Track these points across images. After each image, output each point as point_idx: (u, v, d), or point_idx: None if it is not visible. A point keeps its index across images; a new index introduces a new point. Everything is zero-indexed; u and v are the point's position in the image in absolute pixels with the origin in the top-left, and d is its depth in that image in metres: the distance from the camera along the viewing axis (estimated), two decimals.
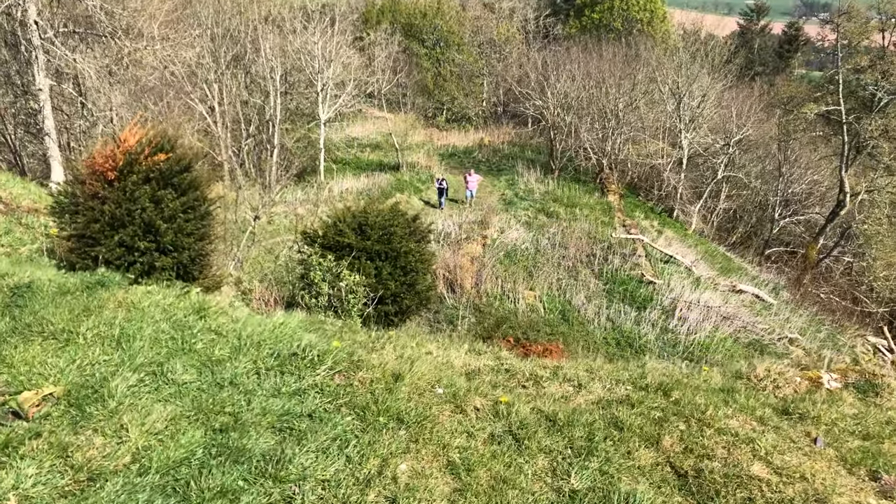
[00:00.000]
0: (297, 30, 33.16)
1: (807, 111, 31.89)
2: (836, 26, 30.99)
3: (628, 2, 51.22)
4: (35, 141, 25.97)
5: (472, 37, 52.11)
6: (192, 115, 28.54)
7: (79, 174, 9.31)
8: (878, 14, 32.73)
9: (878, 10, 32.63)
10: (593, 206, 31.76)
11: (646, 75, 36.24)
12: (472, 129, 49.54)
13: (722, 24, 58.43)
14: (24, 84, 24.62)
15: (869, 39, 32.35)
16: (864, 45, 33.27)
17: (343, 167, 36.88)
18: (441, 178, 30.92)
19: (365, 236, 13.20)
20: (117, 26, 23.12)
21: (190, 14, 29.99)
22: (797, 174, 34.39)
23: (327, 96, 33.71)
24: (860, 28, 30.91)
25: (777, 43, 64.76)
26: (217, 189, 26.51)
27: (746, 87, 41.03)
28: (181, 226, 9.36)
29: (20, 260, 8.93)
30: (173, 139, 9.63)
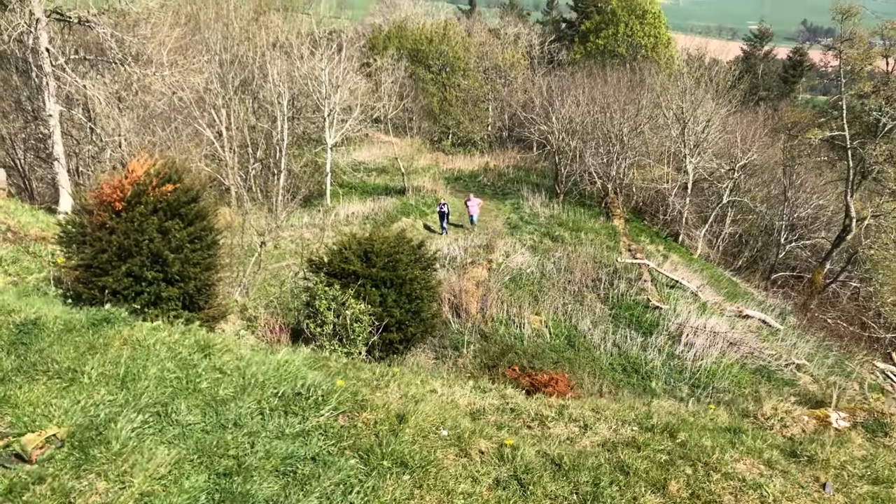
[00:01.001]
0: (304, 56, 33.47)
1: (811, 136, 31.92)
2: (838, 52, 31.08)
3: (632, 28, 51.67)
4: (44, 165, 26.17)
5: (477, 62, 52.52)
6: (200, 140, 28.75)
7: (86, 204, 9.39)
8: (882, 40, 32.81)
9: (881, 35, 32.71)
10: (598, 230, 31.75)
11: (650, 100, 36.41)
12: (478, 153, 49.76)
13: (726, 49, 58.81)
14: (35, 110, 24.87)
15: (872, 65, 32.41)
16: (868, 70, 33.34)
17: (349, 191, 37.04)
18: (443, 203, 30.97)
19: (370, 263, 13.22)
20: (127, 53, 23.40)
21: (199, 40, 30.31)
22: (803, 199, 34.35)
23: (334, 121, 33.94)
24: (863, 54, 30.99)
25: (781, 68, 64.98)
26: (224, 213, 26.67)
27: (751, 112, 41.17)
28: (188, 256, 9.41)
29: (27, 290, 8.96)
30: (181, 170, 9.72)
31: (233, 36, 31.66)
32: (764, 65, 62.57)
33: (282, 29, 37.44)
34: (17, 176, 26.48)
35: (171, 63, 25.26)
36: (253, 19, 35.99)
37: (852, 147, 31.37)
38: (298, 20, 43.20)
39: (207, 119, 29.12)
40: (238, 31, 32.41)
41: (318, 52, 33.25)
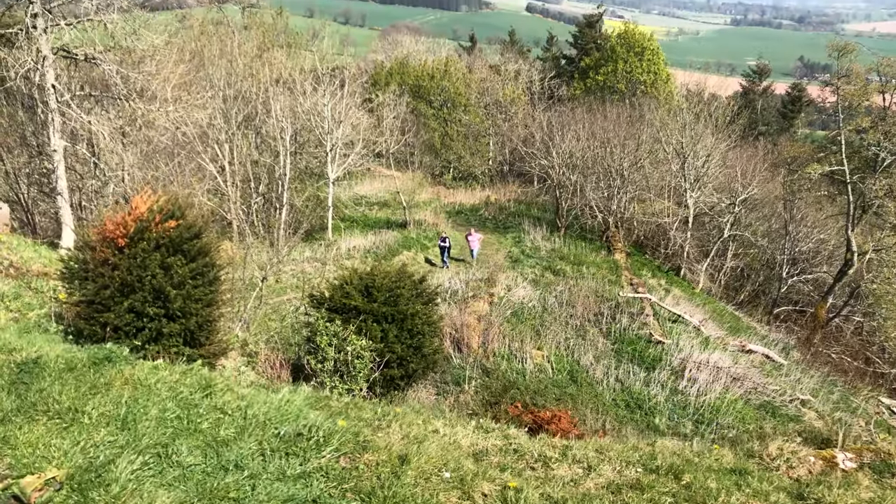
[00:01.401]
0: (307, 91, 33.87)
1: (811, 171, 32.09)
2: (836, 88, 31.42)
3: (632, 64, 52.33)
4: (47, 200, 26.32)
5: (478, 98, 53.12)
6: (203, 174, 28.95)
7: (89, 240, 9.44)
8: (879, 76, 33.17)
9: (877, 72, 33.09)
10: (600, 264, 31.76)
11: (650, 135, 36.71)
12: (479, 187, 50.05)
13: (725, 84, 59.52)
14: (39, 145, 25.11)
15: (869, 101, 32.73)
16: (866, 105, 33.63)
17: (351, 225, 37.17)
18: (444, 236, 31.03)
19: (371, 298, 13.20)
20: (132, 89, 23.70)
21: (203, 76, 30.71)
22: (804, 233, 34.41)
23: (336, 156, 34.21)
24: (860, 91, 31.32)
25: (780, 103, 65.56)
26: (226, 248, 26.73)
27: (751, 147, 41.45)
28: (190, 292, 9.42)
29: (28, 326, 8.95)
30: (184, 206, 9.79)
31: (237, 72, 32.06)
32: (763, 100, 63.18)
33: (285, 65, 37.93)
34: (21, 210, 26.63)
35: (175, 99, 25.57)
36: (257, 56, 36.51)
37: (852, 181, 31.51)
38: (302, 57, 43.82)
39: (210, 154, 29.35)
40: (242, 67, 32.83)
41: (321, 87, 33.64)
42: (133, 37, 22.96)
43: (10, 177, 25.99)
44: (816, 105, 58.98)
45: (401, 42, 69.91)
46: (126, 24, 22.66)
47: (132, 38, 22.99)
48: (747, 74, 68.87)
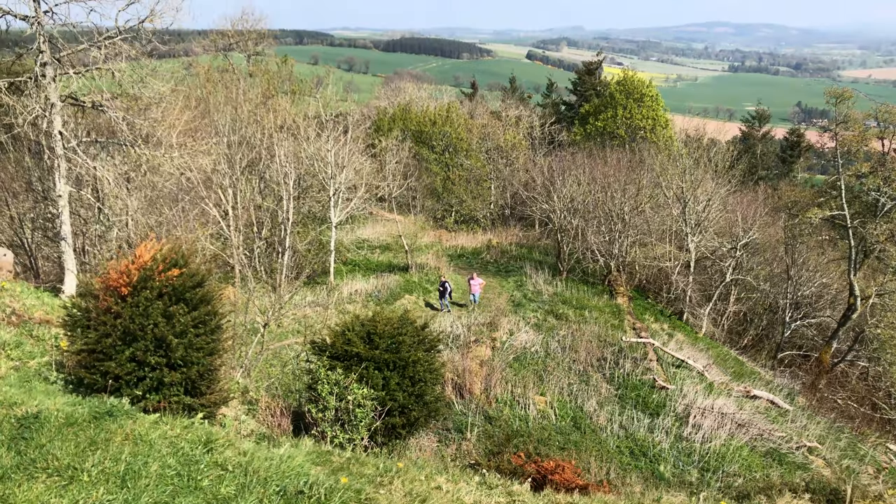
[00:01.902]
0: (310, 137, 34.28)
1: (811, 216, 32.22)
2: (834, 135, 31.75)
3: (631, 110, 53.01)
4: (51, 244, 26.46)
5: (479, 143, 53.71)
6: (207, 219, 29.11)
7: (92, 289, 9.45)
8: (876, 122, 33.52)
9: (875, 118, 33.45)
10: (602, 308, 31.69)
11: (650, 180, 36.97)
12: (481, 230, 50.25)
13: (724, 129, 60.04)
14: (45, 190, 25.34)
15: (867, 146, 33.02)
16: (865, 149, 33.90)
17: (353, 268, 37.22)
18: (444, 281, 31.01)
19: (373, 345, 13.15)
20: (138, 135, 23.99)
21: (208, 123, 31.13)
22: (806, 277, 34.37)
23: (339, 200, 34.45)
24: (858, 137, 31.63)
25: (779, 148, 66.22)
26: (228, 292, 26.71)
27: (751, 192, 41.72)
28: (192, 341, 9.40)
29: (29, 375, 8.90)
30: (187, 254, 9.83)
31: (241, 118, 32.51)
32: (762, 145, 63.82)
33: (289, 112, 38.46)
34: (24, 255, 26.74)
35: (180, 145, 25.87)
36: (261, 103, 37.08)
37: (853, 226, 31.61)
38: (306, 103, 44.49)
39: (214, 199, 29.57)
40: (247, 113, 33.31)
41: (325, 133, 34.06)
42: (140, 84, 23.34)
43: (14, 221, 26.16)
44: (815, 150, 59.52)
45: (403, 88, 71.00)
46: (133, 73, 23.07)
47: (139, 86, 23.38)
48: (746, 120, 69.73)
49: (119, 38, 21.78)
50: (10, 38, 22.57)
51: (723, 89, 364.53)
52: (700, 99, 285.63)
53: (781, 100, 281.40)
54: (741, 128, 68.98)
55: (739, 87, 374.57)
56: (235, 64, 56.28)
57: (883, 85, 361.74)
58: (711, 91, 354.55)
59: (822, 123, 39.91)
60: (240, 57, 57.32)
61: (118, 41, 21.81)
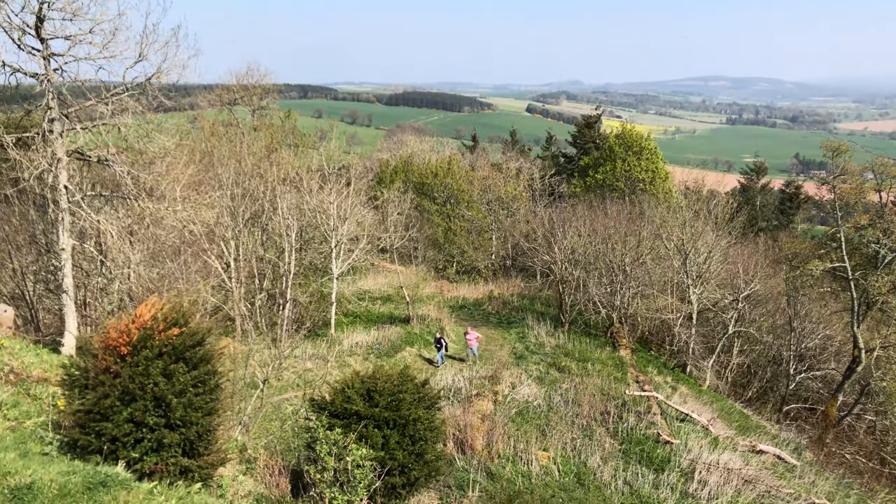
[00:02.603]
0: (313, 190, 34.60)
1: (812, 268, 32.24)
2: (832, 187, 32.02)
3: (630, 163, 53.59)
4: (52, 297, 26.46)
5: (480, 194, 54.21)
6: (209, 271, 29.18)
7: (91, 348, 9.42)
8: (873, 174, 33.81)
9: (872, 170, 33.76)
10: (605, 360, 31.47)
11: (651, 232, 37.14)
12: (482, 281, 50.31)
13: (723, 181, 60.79)
14: (48, 243, 25.47)
15: (865, 199, 33.25)
16: (864, 201, 34.10)
17: (354, 320, 37.10)
18: (439, 337, 30.74)
19: (373, 403, 13.03)
20: (142, 189, 24.25)
21: (212, 176, 31.47)
22: (809, 329, 34.22)
23: (341, 252, 34.56)
24: (856, 189, 31.90)
25: (778, 199, 66.75)
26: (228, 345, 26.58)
27: (751, 243, 41.86)
28: (191, 400, 9.32)
29: (25, 436, 8.80)
30: (188, 312, 9.83)
31: (245, 171, 32.87)
32: (761, 196, 64.33)
33: (292, 165, 38.92)
34: (25, 307, 26.71)
35: (183, 198, 26.12)
36: (265, 156, 37.54)
37: (854, 278, 31.60)
38: (309, 156, 45.07)
39: (217, 251, 29.70)
40: (250, 167, 33.69)
41: (327, 186, 34.39)
42: (145, 139, 23.71)
43: (16, 274, 26.22)
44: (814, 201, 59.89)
45: (406, 141, 72.06)
46: (139, 128, 23.46)
47: (144, 141, 23.75)
48: (745, 171, 70.45)
49: (126, 95, 22.23)
50: (19, 93, 23.00)
51: (721, 141, 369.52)
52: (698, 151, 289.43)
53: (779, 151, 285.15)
54: (740, 180, 69.65)
55: (737, 139, 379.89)
56: (240, 118, 57.26)
57: (879, 137, 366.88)
58: (710, 143, 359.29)
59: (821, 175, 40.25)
60: (244, 111, 58.32)
61: (125, 97, 22.25)
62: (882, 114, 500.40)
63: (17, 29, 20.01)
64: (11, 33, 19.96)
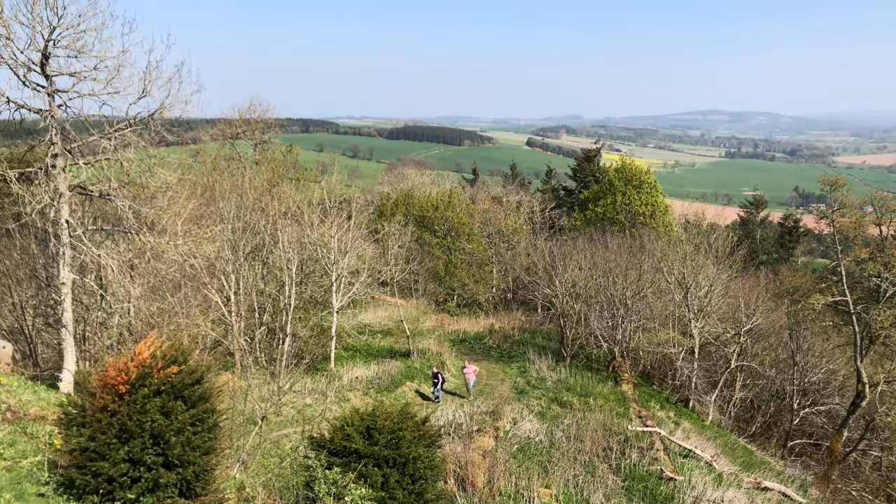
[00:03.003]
0: (314, 223, 34.68)
1: (814, 302, 32.14)
2: (831, 221, 32.06)
3: (630, 197, 53.82)
4: (51, 331, 26.36)
5: (481, 227, 54.36)
6: (209, 305, 29.12)
7: (90, 386, 9.35)
8: (873, 208, 33.88)
9: (871, 204, 33.84)
10: (607, 395, 31.24)
11: (651, 265, 37.14)
12: (483, 314, 50.17)
13: (723, 214, 61.00)
14: (48, 277, 25.47)
15: (865, 233, 33.27)
16: (864, 235, 34.11)
17: (354, 354, 36.91)
18: (436, 372, 30.45)
19: (372, 441, 12.89)
20: (143, 223, 24.32)
21: (213, 210, 31.59)
22: (812, 363, 33.98)
23: (341, 285, 34.51)
24: (855, 223, 31.95)
25: (778, 233, 66.84)
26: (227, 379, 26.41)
27: (752, 277, 41.81)
28: (189, 438, 9.23)
29: (21, 476, 8.69)
30: (187, 351, 9.78)
31: (246, 205, 33.01)
32: (761, 230, 64.45)
33: (294, 198, 39.09)
34: (24, 341, 26.61)
35: (184, 232, 26.19)
36: (266, 190, 37.74)
37: (856, 312, 31.48)
38: (310, 190, 45.27)
39: (217, 284, 29.67)
40: (252, 200, 33.85)
41: (329, 220, 34.48)
42: (147, 174, 23.86)
43: (16, 308, 26.17)
44: (814, 234, 60.04)
45: (406, 174, 72.46)
46: (141, 162, 23.62)
47: (146, 176, 23.89)
48: (744, 205, 70.67)
49: (129, 130, 22.42)
50: (23, 128, 23.20)
51: (720, 175, 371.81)
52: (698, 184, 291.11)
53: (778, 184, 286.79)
54: (739, 213, 69.85)
55: (736, 172, 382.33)
56: (242, 152, 57.67)
57: (878, 171, 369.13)
58: (709, 176, 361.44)
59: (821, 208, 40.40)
60: (246, 145, 58.76)
61: (128, 132, 22.44)
62: (880, 147, 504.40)
63: (23, 66, 20.28)
64: (17, 70, 20.23)
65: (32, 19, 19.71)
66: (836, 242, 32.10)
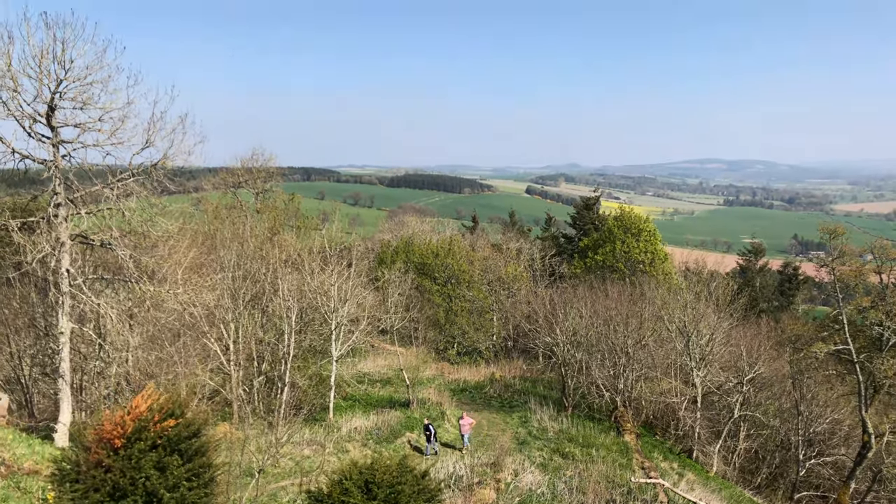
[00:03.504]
0: (314, 271, 34.68)
1: (816, 350, 31.88)
2: (831, 270, 32.02)
3: (629, 244, 53.98)
4: (48, 380, 26.15)
5: (481, 275, 54.36)
6: (208, 354, 28.94)
7: (84, 440, 9.23)
8: (873, 256, 33.88)
9: (871, 252, 33.86)
10: (609, 446, 30.81)
11: (652, 313, 37.00)
12: (484, 363, 49.81)
13: (723, 262, 61.06)
14: (47, 326, 25.39)
15: (865, 281, 33.21)
16: (864, 283, 34.00)
17: (353, 404, 36.51)
18: (428, 423, 29.87)
19: (371, 495, 12.65)
20: (143, 271, 24.35)
21: (214, 259, 31.64)
22: (817, 413, 33.50)
23: (341, 333, 34.34)
24: (855, 272, 31.91)
25: (778, 280, 66.83)
26: (224, 430, 26.09)
27: (753, 325, 41.55)
28: (184, 495, 9.06)
29: None
30: (184, 403, 9.68)
31: (247, 254, 33.08)
32: (761, 278, 64.41)
33: (294, 246, 39.20)
34: (20, 391, 26.37)
35: (185, 281, 26.17)
36: (267, 238, 37.91)
37: (859, 361, 31.20)
38: (311, 237, 45.43)
39: (216, 333, 29.53)
40: (252, 249, 33.95)
41: (329, 268, 34.50)
42: (149, 223, 23.99)
43: (13, 358, 26.00)
44: (814, 282, 60.01)
45: (407, 222, 72.82)
46: (143, 212, 23.76)
47: (148, 225, 24.00)
48: (743, 253, 70.78)
49: (132, 180, 22.63)
50: (27, 177, 23.37)
51: (719, 222, 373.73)
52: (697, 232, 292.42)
53: (777, 232, 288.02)
54: (739, 261, 69.92)
55: (735, 220, 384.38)
56: (244, 200, 58.07)
57: (876, 219, 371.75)
58: (708, 224, 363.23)
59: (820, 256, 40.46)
60: (248, 193, 59.19)
61: (130, 182, 22.64)
62: (877, 195, 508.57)
63: (29, 117, 20.58)
64: (23, 122, 20.52)
65: (40, 72, 20.10)
66: (836, 290, 32.00)
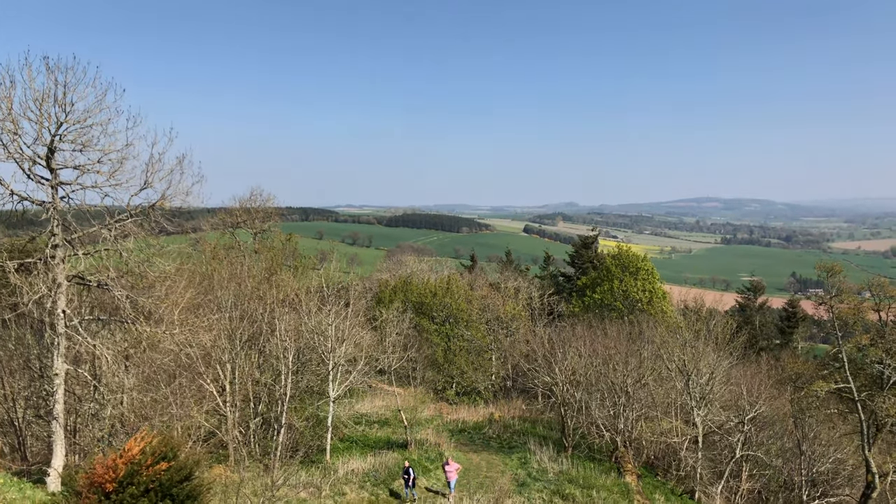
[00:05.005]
0: (312, 311, 34.55)
1: (817, 389, 31.68)
2: (830, 307, 32.01)
3: (627, 283, 54.00)
4: (42, 422, 25.81)
5: (480, 314, 54.20)
6: (203, 395, 28.66)
7: (76, 484, 9.09)
8: (871, 293, 33.90)
9: (869, 290, 33.89)
10: (610, 487, 30.34)
11: (651, 352, 36.80)
12: (482, 403, 49.35)
13: (722, 300, 60.93)
14: (42, 368, 25.16)
15: (864, 319, 33.16)
16: (864, 320, 33.92)
17: (350, 445, 36.04)
18: (407, 467, 28.88)
19: None
20: (140, 312, 24.22)
21: (211, 299, 31.55)
22: (819, 452, 33.10)
23: (338, 374, 34.06)
24: (853, 310, 31.91)
25: (777, 318, 66.67)
26: (220, 472, 25.69)
27: (753, 363, 41.33)
28: None
29: None
30: (177, 445, 9.56)
31: (244, 294, 32.98)
32: (760, 316, 64.27)
33: (292, 286, 39.12)
34: (12, 434, 26.01)
35: (181, 321, 26.03)
36: (265, 278, 37.83)
37: (861, 399, 30.98)
38: (309, 277, 45.37)
39: (212, 374, 29.27)
40: (250, 289, 33.86)
41: (326, 308, 34.36)
42: (146, 264, 23.99)
43: (7, 400, 25.73)
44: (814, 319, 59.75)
45: (405, 261, 72.96)
46: (141, 253, 23.78)
47: (145, 265, 24.00)
48: (742, 291, 70.71)
49: (129, 221, 22.70)
50: (25, 218, 23.44)
51: (717, 260, 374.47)
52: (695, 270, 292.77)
53: (775, 270, 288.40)
54: (737, 299, 69.79)
55: (733, 258, 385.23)
56: (242, 240, 58.17)
57: (872, 256, 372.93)
58: (706, 262, 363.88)
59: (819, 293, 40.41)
60: (246, 234, 59.32)
61: (128, 223, 22.71)
62: (874, 233, 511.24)
63: (28, 159, 20.74)
64: (22, 164, 20.67)
65: (40, 115, 20.33)
66: (836, 328, 31.97)
